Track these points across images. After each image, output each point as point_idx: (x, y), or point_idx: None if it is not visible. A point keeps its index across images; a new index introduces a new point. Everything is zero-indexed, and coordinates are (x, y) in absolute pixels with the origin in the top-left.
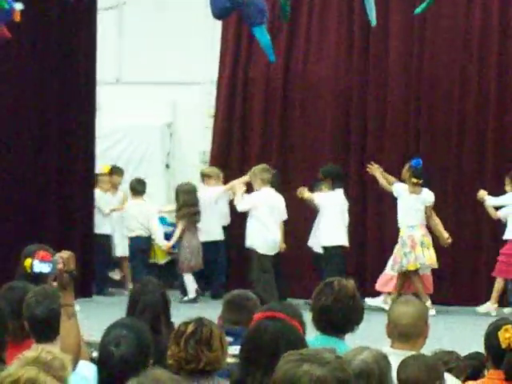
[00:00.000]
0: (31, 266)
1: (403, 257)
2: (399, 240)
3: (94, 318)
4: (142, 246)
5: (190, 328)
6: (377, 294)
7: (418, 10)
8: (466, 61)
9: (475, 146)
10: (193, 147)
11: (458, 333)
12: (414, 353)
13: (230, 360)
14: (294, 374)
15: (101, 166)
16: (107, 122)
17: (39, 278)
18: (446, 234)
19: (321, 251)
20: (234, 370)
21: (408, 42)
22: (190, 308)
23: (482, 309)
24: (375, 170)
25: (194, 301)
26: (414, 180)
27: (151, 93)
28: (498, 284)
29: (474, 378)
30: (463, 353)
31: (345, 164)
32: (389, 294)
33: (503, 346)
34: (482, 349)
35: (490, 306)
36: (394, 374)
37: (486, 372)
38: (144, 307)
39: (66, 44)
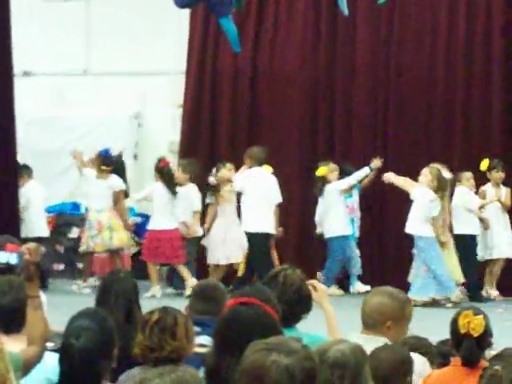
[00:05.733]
0: None
1: (90, 239)
2: (86, 223)
3: None
4: None
5: (155, 316)
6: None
7: (381, 1)
8: (433, 46)
9: (443, 133)
10: (161, 138)
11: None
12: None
13: (197, 350)
14: (262, 364)
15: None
16: (75, 113)
17: (9, 269)
18: (129, 222)
19: None
20: (208, 357)
21: (375, 29)
22: None
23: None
24: (78, 155)
25: None
26: (103, 167)
27: (119, 83)
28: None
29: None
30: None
31: (313, 154)
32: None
33: (462, 331)
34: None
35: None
36: None
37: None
38: (117, 296)
39: None
